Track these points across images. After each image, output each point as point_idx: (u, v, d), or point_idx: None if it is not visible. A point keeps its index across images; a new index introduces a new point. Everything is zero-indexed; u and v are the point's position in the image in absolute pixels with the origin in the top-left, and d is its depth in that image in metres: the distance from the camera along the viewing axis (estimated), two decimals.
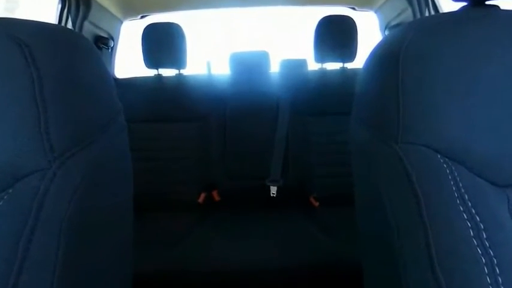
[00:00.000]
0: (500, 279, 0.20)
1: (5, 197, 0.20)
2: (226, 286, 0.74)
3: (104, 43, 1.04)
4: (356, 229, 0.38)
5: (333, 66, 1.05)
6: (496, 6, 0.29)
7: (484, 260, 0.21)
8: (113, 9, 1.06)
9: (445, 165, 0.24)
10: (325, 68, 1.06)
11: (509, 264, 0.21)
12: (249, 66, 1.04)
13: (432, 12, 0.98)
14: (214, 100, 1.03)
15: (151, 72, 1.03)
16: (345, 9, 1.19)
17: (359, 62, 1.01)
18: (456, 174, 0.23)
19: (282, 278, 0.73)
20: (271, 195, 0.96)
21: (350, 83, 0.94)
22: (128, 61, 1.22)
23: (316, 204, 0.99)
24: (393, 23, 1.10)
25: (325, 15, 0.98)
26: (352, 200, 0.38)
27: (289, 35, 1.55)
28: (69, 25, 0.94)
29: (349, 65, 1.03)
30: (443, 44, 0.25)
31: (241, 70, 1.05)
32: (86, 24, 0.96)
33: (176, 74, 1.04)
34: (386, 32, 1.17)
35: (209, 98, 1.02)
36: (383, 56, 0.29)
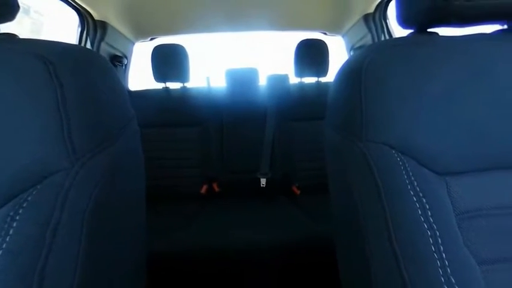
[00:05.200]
0: (442, 248, 0.22)
1: (34, 192, 0.20)
2: (226, 261, 0.75)
3: (119, 61, 1.07)
4: (330, 211, 0.39)
5: (310, 80, 1.11)
6: (435, 33, 0.31)
7: (429, 233, 0.22)
8: (126, 32, 1.10)
9: (398, 159, 0.25)
10: (304, 82, 1.12)
11: (449, 235, 0.23)
12: (241, 80, 1.09)
13: (387, 37, 1.05)
14: (213, 108, 1.06)
15: (160, 85, 1.07)
16: (318, 34, 1.26)
17: (331, 76, 1.02)
18: (407, 165, 0.25)
19: (271, 252, 0.75)
20: (261, 185, 1.00)
21: (324, 94, 0.95)
22: (144, 76, 1.22)
23: (298, 192, 1.04)
24: (357, 45, 1.17)
25: (302, 39, 1.05)
26: (327, 188, 0.39)
27: (274, 54, 1.60)
28: (88, 45, 0.98)
29: (322, 79, 1.10)
30: (395, 63, 0.27)
31: (235, 84, 1.09)
32: (103, 44, 0.98)
33: (181, 87, 1.08)
34: (352, 53, 1.22)
35: (209, 106, 1.06)
36: (349, 72, 0.30)
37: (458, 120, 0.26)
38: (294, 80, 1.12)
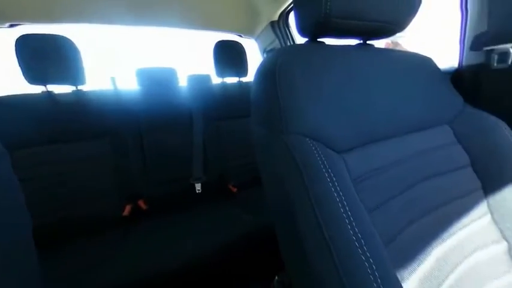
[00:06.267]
0: (347, 208, 0.26)
1: None
2: (170, 282, 0.68)
3: None
4: (267, 202, 0.40)
5: (232, 80, 1.14)
6: (323, 42, 0.40)
7: (338, 199, 0.27)
8: None
9: (311, 145, 0.29)
10: (226, 82, 1.13)
11: (350, 197, 0.27)
12: (157, 81, 0.99)
13: (291, 42, 1.20)
14: (125, 114, 0.93)
15: (38, 89, 0.81)
16: (234, 36, 1.30)
17: (251, 76, 0.97)
18: (318, 149, 0.29)
19: (219, 253, 0.74)
20: (197, 191, 0.96)
21: (246, 93, 1.06)
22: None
23: (234, 190, 1.06)
24: (268, 48, 1.29)
25: (219, 40, 1.06)
26: (260, 181, 0.40)
27: (189, 54, 1.54)
28: None
29: (244, 79, 1.14)
30: (300, 65, 0.31)
31: (150, 85, 0.98)
32: None
33: (73, 91, 0.87)
34: (265, 55, 1.33)
35: (119, 112, 0.91)
36: (265, 73, 0.34)
37: (343, 110, 0.33)
38: (216, 80, 1.12)
